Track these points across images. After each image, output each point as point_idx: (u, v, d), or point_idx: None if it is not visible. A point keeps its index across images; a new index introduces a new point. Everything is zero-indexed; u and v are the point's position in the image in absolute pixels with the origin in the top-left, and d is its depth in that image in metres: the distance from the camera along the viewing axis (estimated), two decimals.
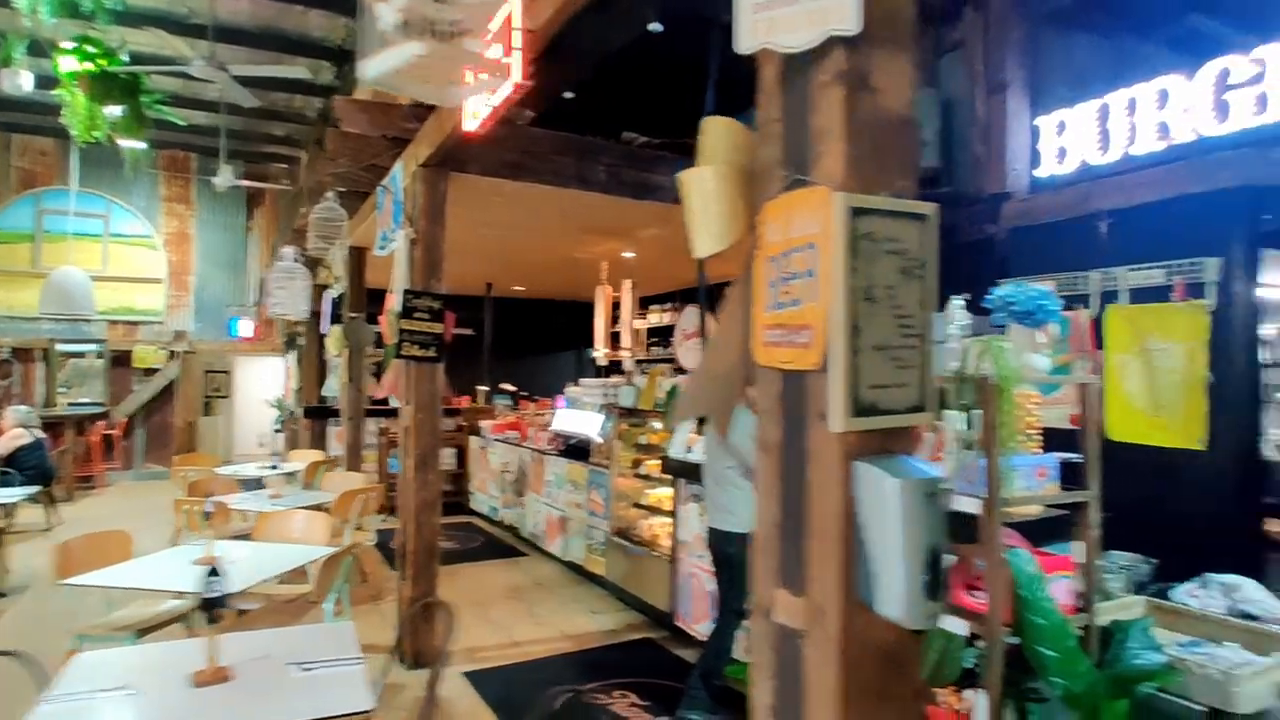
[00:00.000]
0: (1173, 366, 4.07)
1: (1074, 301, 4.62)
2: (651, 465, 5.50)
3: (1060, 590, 2.33)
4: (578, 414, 6.87)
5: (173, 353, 11.97)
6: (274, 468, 6.57)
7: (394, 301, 4.50)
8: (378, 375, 7.25)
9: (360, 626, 2.81)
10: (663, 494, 5.26)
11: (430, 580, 4.39)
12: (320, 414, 8.85)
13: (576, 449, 6.71)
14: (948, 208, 5.53)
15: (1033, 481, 2.31)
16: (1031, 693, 2.18)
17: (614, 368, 8.73)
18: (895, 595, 1.19)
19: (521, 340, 11.49)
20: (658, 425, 5.66)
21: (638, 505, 5.74)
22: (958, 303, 2.50)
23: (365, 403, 7.48)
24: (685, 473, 4.57)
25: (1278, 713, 2.20)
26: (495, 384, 9.89)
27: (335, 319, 7.28)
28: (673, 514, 4.90)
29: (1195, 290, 4.07)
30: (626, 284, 7.07)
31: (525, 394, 9.37)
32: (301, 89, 8.44)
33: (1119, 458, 4.48)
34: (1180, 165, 4.60)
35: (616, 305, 7.31)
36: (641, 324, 10.87)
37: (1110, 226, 4.56)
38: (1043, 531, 3.06)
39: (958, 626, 2.30)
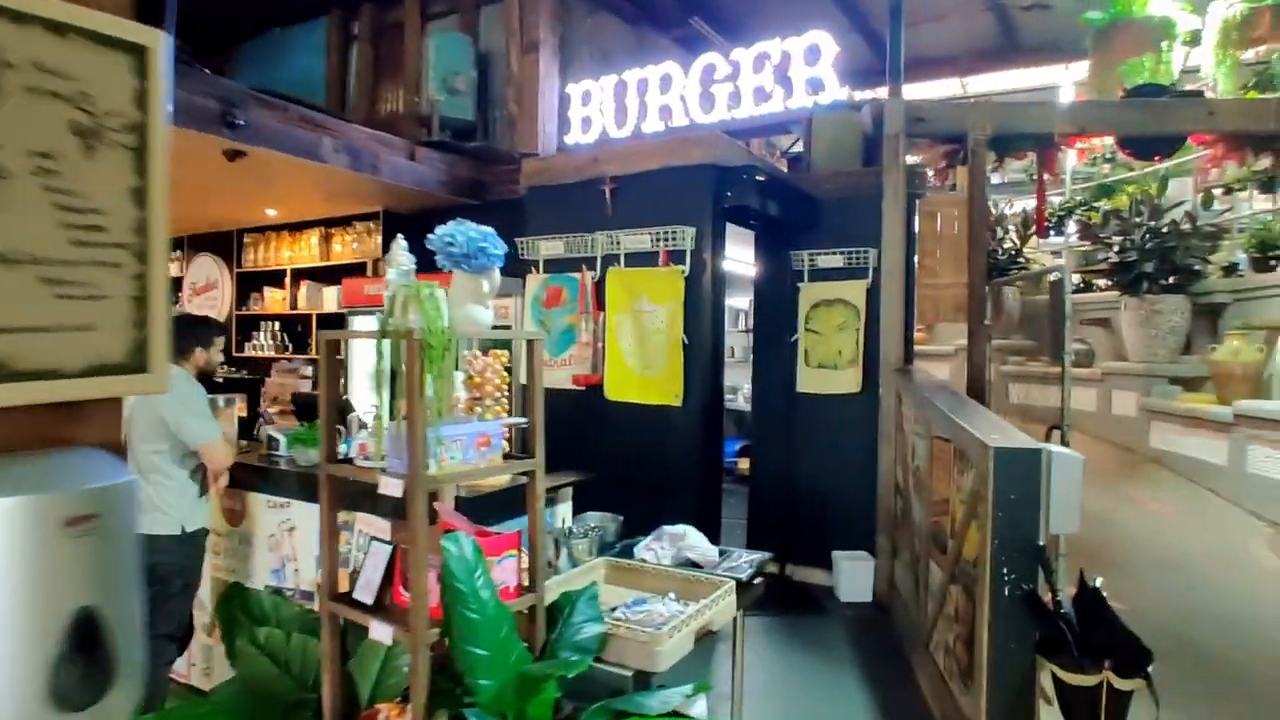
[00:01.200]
0: (658, 327, 4.34)
1: (581, 264, 4.71)
2: None
3: (507, 571, 2.09)
4: None
5: None
6: None
7: None
8: None
9: None
10: None
11: None
12: None
13: None
14: (480, 164, 5.23)
15: (472, 453, 2.02)
16: (467, 699, 1.89)
17: None
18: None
19: None
20: None
21: None
22: (401, 243, 2.09)
23: None
24: None
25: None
26: None
27: None
28: None
29: (677, 257, 4.40)
30: None
31: None
32: None
33: (615, 417, 4.81)
34: (670, 139, 4.98)
35: None
36: None
37: (614, 191, 4.71)
38: (506, 507, 2.92)
39: (383, 634, 1.92)
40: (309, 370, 7.39)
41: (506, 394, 2.58)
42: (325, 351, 2.08)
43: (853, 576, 4.71)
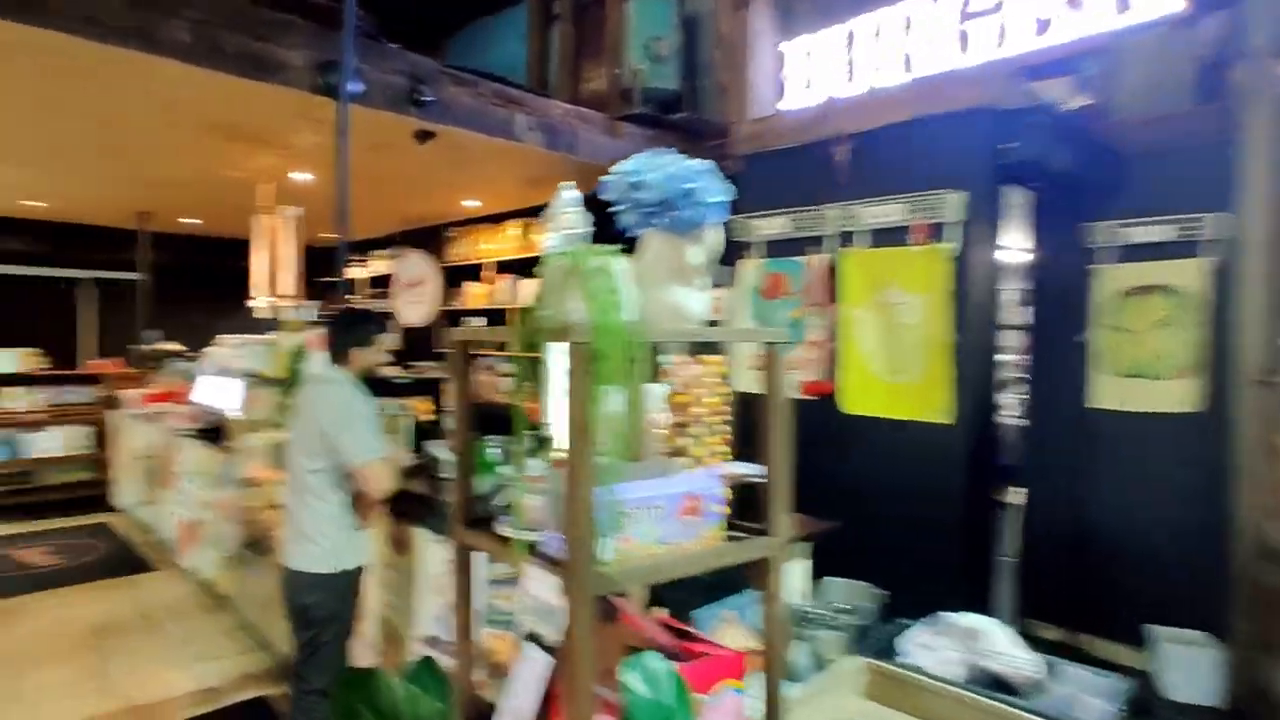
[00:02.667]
0: (912, 322, 3.34)
1: (807, 245, 3.82)
2: None
3: (725, 715, 1.30)
4: (217, 383, 5.20)
5: None
6: None
7: None
8: None
9: None
10: None
11: None
12: None
13: (215, 429, 5.06)
14: (686, 137, 4.46)
15: (673, 526, 1.25)
16: None
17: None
18: None
19: (195, 287, 9.26)
20: None
21: (277, 507, 4.27)
22: (570, 193, 1.36)
23: None
24: None
25: None
26: (154, 342, 7.74)
27: None
28: None
29: (937, 232, 3.36)
30: (286, 211, 5.41)
31: (193, 355, 7.37)
32: None
33: (855, 435, 3.85)
34: (923, 84, 3.91)
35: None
36: (363, 272, 9.17)
37: (849, 154, 3.76)
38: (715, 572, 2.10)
39: None
40: (511, 367, 7.13)
41: (728, 420, 1.79)
42: (456, 358, 1.41)
43: (1187, 667, 3.40)
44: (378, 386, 2.87)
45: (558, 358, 1.25)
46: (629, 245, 1.32)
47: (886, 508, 3.25)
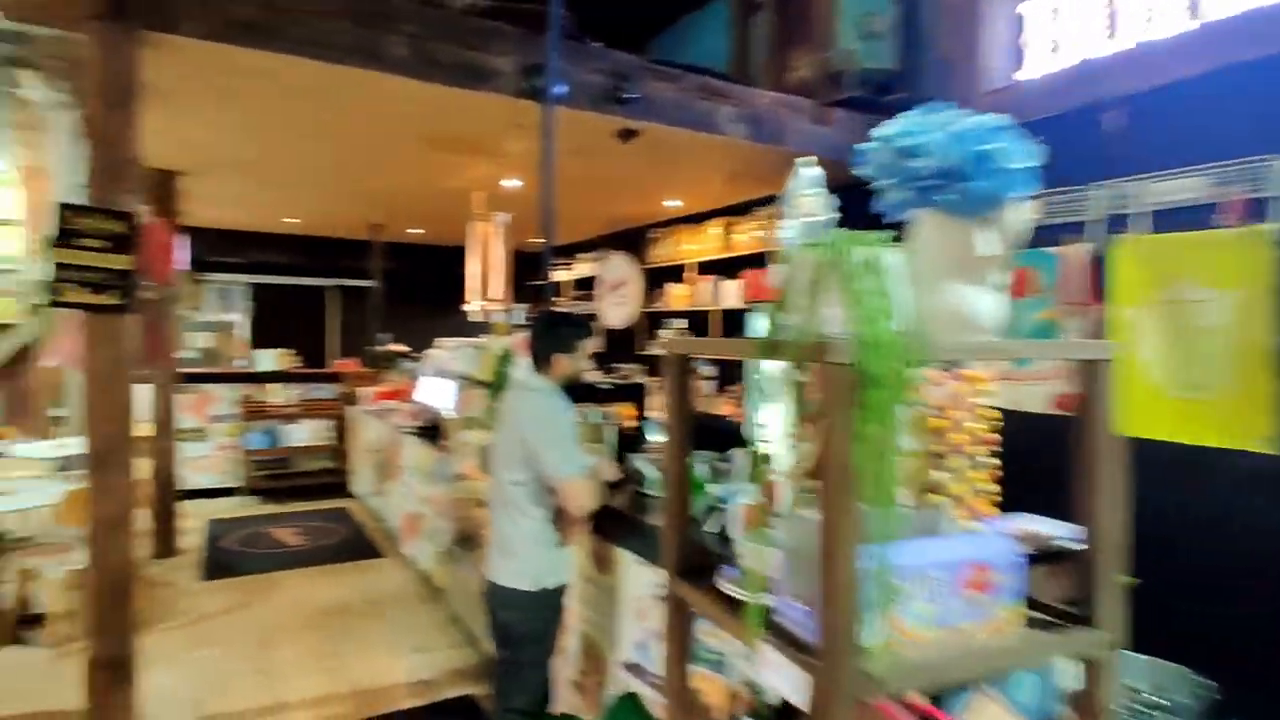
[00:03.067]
0: (1218, 325, 2.68)
1: (1062, 234, 3.23)
2: None
3: None
4: (436, 383, 5.46)
5: (35, 306, 10.39)
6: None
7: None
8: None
9: None
10: None
11: (121, 631, 3.00)
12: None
13: (432, 428, 5.32)
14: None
15: (954, 604, 0.93)
16: None
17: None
18: None
19: (420, 292, 9.98)
20: None
21: (481, 505, 4.36)
22: (810, 170, 1.08)
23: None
24: None
25: None
26: (386, 344, 8.42)
27: None
28: None
29: (1255, 210, 2.67)
30: (496, 217, 5.57)
31: (417, 356, 7.94)
32: None
33: (1133, 464, 3.13)
34: (1227, 25, 3.15)
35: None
36: (568, 275, 9.42)
37: (1120, 121, 3.13)
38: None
39: None
40: (711, 370, 6.94)
41: (995, 450, 1.42)
42: (674, 371, 1.18)
43: None
44: (579, 391, 2.75)
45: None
46: (889, 230, 1.02)
47: (1192, 561, 2.61)
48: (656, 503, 2.53)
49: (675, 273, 7.33)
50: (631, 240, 7.97)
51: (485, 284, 5.81)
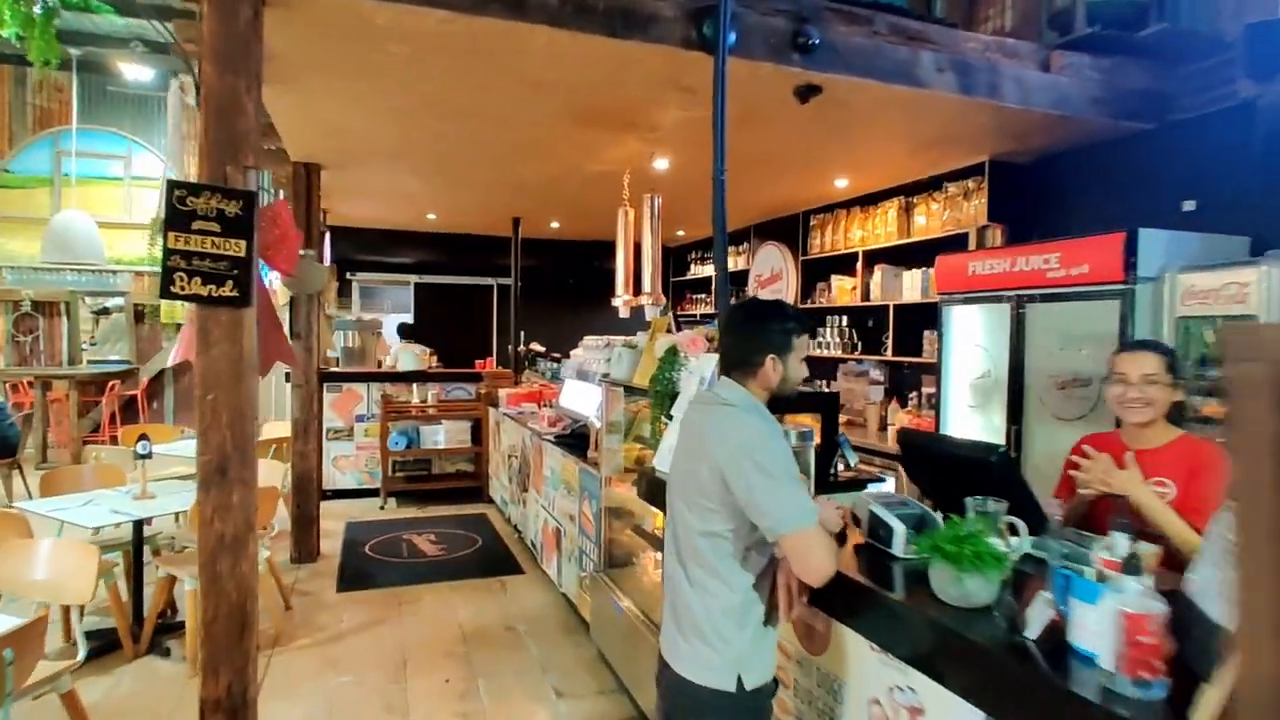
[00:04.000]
0: None
1: None
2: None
3: None
4: (579, 387, 4.95)
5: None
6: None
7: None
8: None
9: None
10: None
11: (238, 668, 2.62)
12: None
13: (575, 436, 4.81)
14: (1157, 64, 2.94)
15: None
16: None
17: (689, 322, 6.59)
18: None
19: (560, 290, 9.62)
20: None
21: (638, 531, 3.77)
22: None
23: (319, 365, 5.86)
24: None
25: None
26: (526, 343, 8.09)
27: None
28: None
29: None
30: (647, 200, 4.95)
31: (557, 356, 7.53)
32: None
33: None
34: None
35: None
36: (707, 270, 8.77)
37: None
38: None
39: None
40: (879, 374, 6.08)
41: None
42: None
43: None
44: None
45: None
46: None
47: None
48: (901, 565, 1.80)
49: (839, 263, 6.50)
50: (786, 229, 7.19)
51: (633, 276, 5.25)
